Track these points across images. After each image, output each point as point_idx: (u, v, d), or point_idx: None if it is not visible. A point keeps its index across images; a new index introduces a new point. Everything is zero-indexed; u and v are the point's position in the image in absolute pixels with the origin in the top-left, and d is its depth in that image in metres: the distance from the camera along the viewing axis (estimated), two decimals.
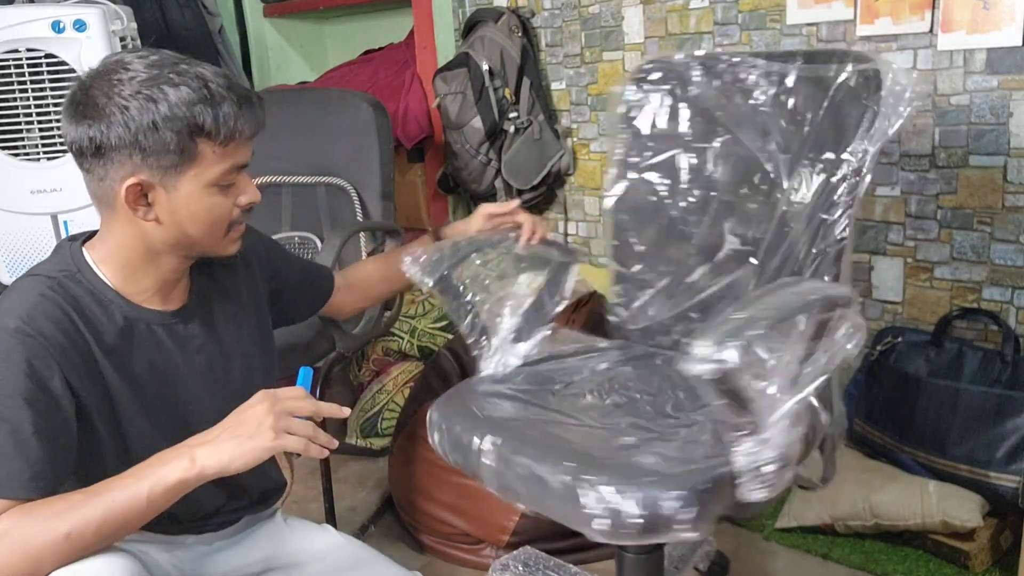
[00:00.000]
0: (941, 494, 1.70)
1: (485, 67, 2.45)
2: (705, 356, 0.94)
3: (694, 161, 1.49)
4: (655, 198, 1.52)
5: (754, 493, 1.04)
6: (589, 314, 2.13)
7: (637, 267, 1.55)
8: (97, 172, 1.04)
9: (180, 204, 1.05)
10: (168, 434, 1.05)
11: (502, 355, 1.43)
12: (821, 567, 1.77)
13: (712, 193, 1.48)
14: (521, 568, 1.62)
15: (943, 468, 1.78)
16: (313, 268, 1.50)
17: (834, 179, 1.32)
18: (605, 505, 1.03)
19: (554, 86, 2.57)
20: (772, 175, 1.40)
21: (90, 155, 1.03)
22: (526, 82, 2.49)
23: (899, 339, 1.91)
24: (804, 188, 1.36)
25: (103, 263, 1.09)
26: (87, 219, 2.12)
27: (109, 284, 1.09)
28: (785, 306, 1.04)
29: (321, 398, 1.81)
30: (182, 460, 0.96)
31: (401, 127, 2.79)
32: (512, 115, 2.48)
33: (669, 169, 1.51)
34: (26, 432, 0.96)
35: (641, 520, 1.01)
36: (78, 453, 1.02)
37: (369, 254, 2.19)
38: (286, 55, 3.62)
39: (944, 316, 1.87)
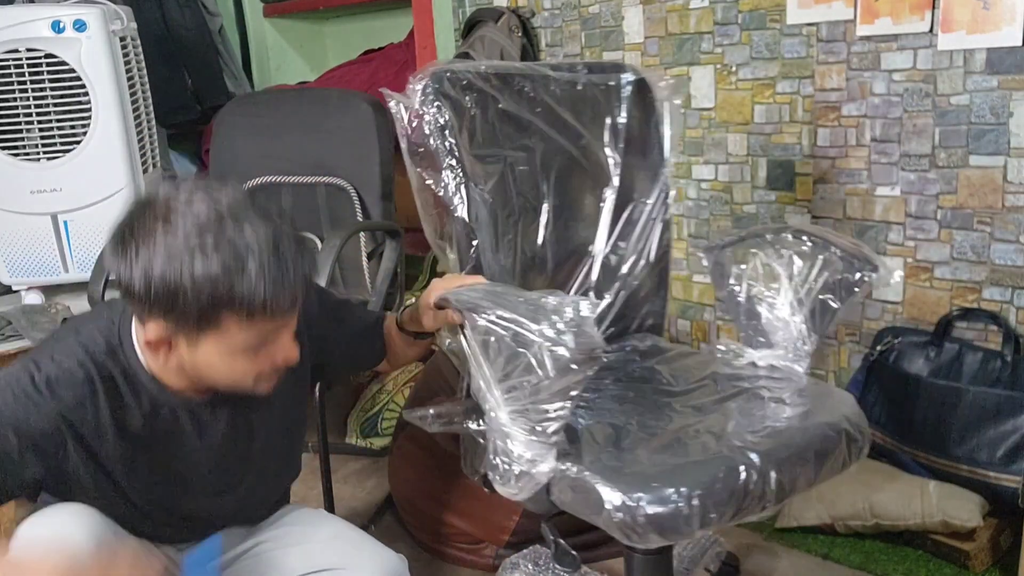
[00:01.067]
0: (941, 494, 1.70)
1: None
2: None
3: (522, 169, 1.45)
4: (500, 215, 1.41)
5: None
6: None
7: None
8: (126, 300, 1.02)
9: (200, 361, 1.02)
10: (156, 494, 1.10)
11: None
12: (821, 567, 1.77)
13: (537, 202, 1.48)
14: (531, 567, 1.61)
15: (943, 468, 1.78)
16: (367, 335, 1.40)
17: (652, 167, 1.51)
18: (861, 432, 1.23)
19: None
20: (597, 172, 1.52)
21: (121, 289, 1.00)
22: None
23: (899, 339, 1.91)
24: (626, 179, 1.53)
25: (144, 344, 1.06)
26: (87, 219, 2.12)
27: (145, 367, 1.07)
28: None
29: (321, 397, 1.82)
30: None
31: None
32: None
33: (503, 184, 1.41)
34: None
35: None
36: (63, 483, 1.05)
37: (369, 254, 2.19)
38: (286, 55, 3.62)
39: (944, 316, 1.87)
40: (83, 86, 2.00)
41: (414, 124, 1.28)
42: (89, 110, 2.03)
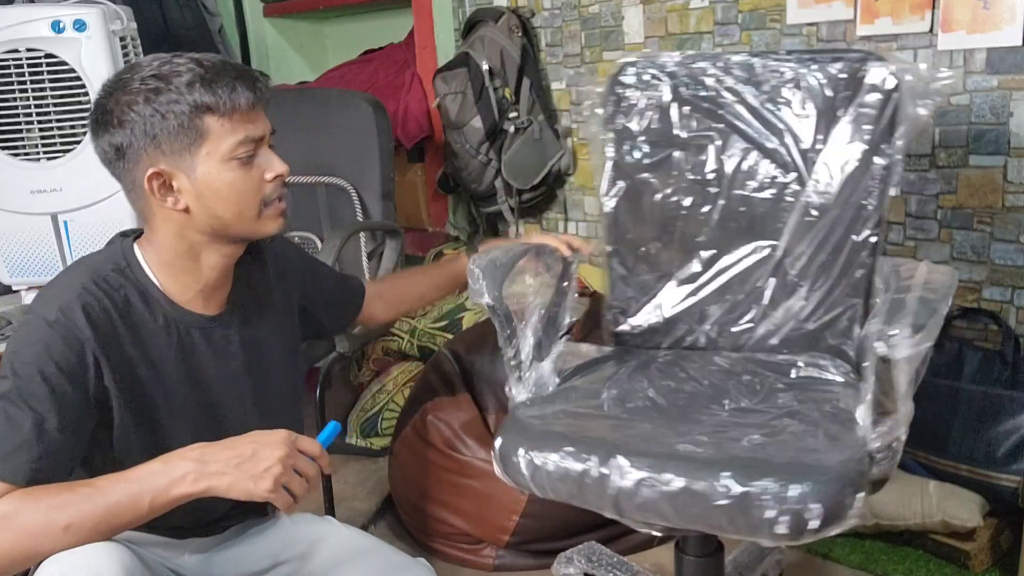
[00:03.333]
0: (941, 494, 1.70)
1: (485, 67, 2.45)
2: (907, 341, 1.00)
3: (699, 158, 1.48)
4: (657, 197, 1.51)
5: (882, 469, 1.09)
6: (589, 316, 2.12)
7: (640, 268, 1.54)
8: (126, 177, 1.09)
9: (202, 185, 1.07)
10: (202, 434, 1.09)
11: (535, 376, 1.36)
12: (821, 567, 1.77)
13: (712, 189, 1.48)
14: (584, 562, 1.64)
15: (943, 468, 1.78)
16: (344, 282, 1.52)
17: (862, 175, 1.38)
18: (785, 507, 1.00)
19: (554, 86, 2.57)
20: (789, 171, 1.43)
21: (116, 160, 1.08)
22: (526, 82, 2.49)
23: None
24: (829, 183, 1.40)
25: (151, 261, 1.12)
26: (87, 219, 2.12)
27: (155, 283, 1.12)
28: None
29: (321, 397, 1.82)
30: (187, 476, 0.99)
31: (401, 127, 2.79)
32: (512, 115, 2.47)
33: (668, 167, 1.50)
34: (50, 424, 0.99)
35: (822, 516, 1.00)
36: (105, 444, 1.07)
37: (369, 254, 2.20)
38: (286, 55, 3.62)
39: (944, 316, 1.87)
40: (83, 86, 1.99)
41: (585, 113, 1.53)
42: (89, 110, 2.02)
